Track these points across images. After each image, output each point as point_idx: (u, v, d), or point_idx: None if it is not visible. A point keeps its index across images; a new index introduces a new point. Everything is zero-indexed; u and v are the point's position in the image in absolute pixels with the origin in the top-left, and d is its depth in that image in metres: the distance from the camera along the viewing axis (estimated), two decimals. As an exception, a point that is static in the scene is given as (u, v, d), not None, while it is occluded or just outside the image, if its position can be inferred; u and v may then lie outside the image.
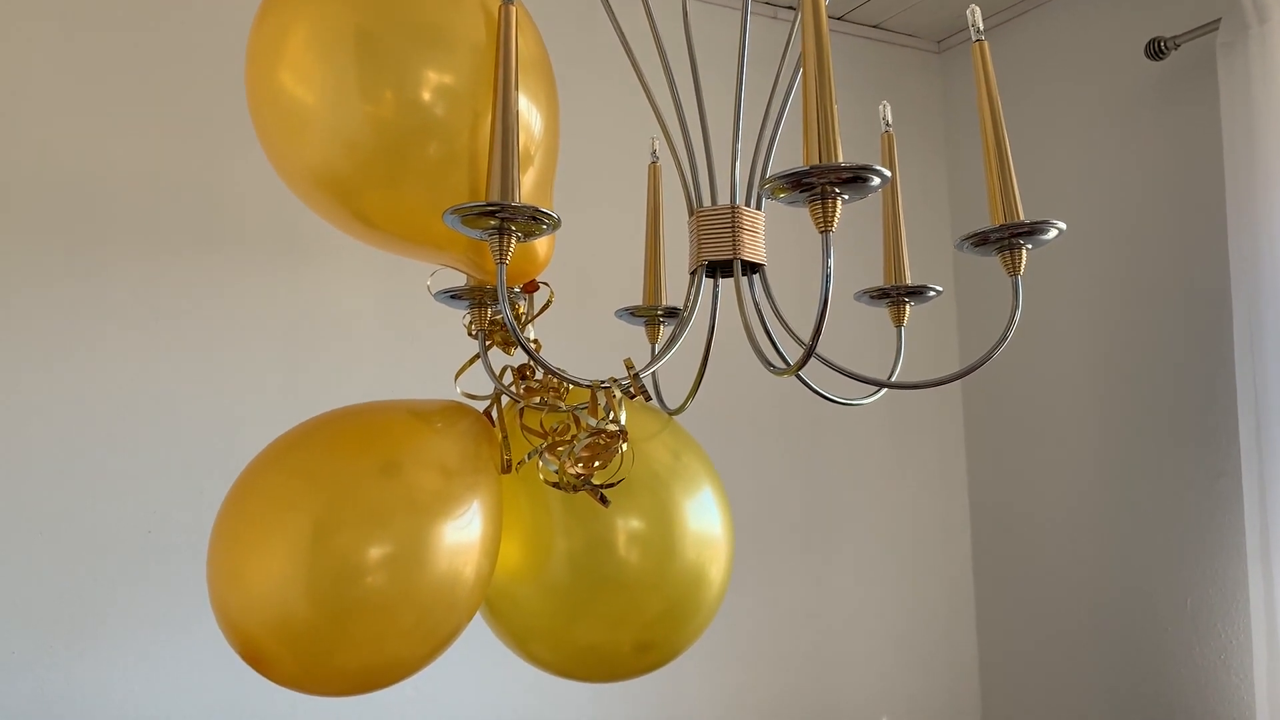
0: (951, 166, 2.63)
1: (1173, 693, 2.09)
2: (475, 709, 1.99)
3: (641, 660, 1.09)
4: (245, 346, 1.88)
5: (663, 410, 1.12)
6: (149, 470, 1.80)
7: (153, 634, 1.79)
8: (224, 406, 1.85)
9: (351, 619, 0.86)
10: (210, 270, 1.89)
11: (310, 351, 1.93)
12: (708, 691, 2.21)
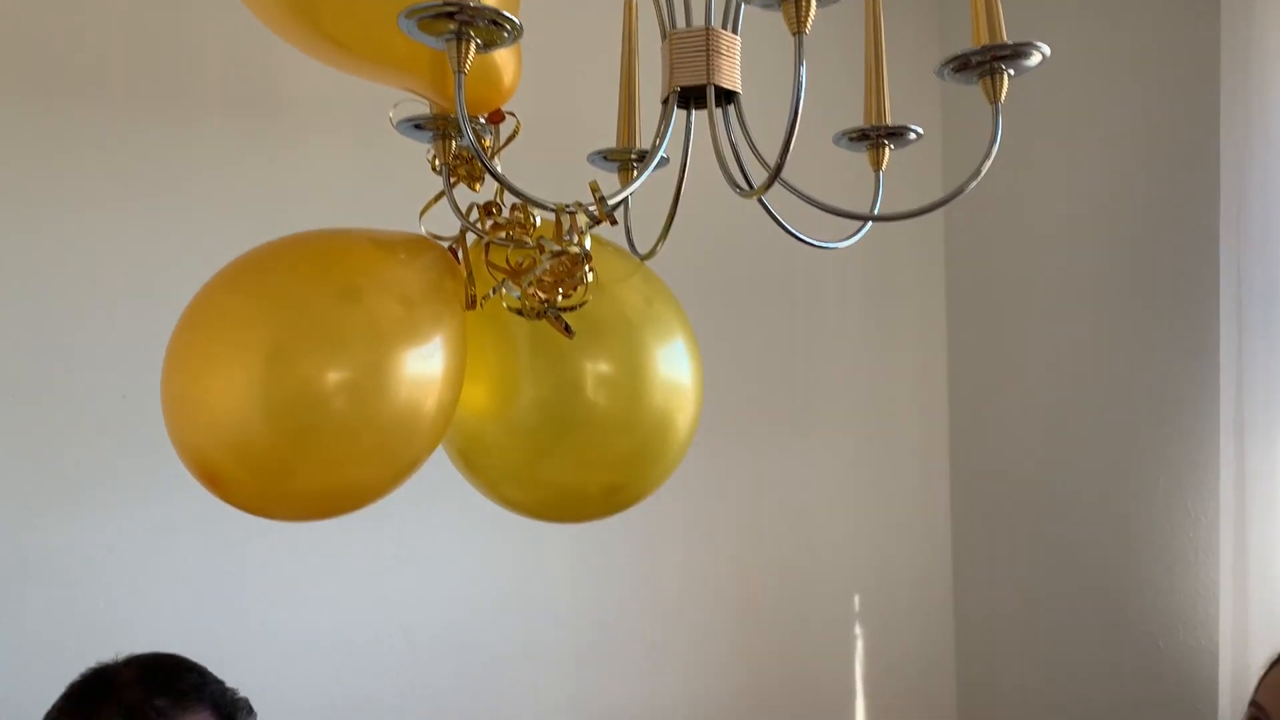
0: (944, 29, 2.56)
1: (1141, 569, 2.13)
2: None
3: (610, 501, 1.09)
4: (222, 211, 1.84)
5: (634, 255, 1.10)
6: (123, 335, 1.78)
7: (131, 499, 1.79)
8: (199, 272, 1.82)
9: (310, 442, 0.85)
10: (187, 135, 1.84)
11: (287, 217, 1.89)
12: (682, 573, 2.24)
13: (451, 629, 2.00)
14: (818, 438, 2.40)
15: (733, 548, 2.29)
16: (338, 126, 1.94)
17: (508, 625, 2.05)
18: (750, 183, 0.89)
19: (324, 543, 1.89)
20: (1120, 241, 2.18)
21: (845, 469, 2.43)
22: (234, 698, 1.27)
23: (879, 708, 2.44)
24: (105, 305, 1.79)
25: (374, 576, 1.94)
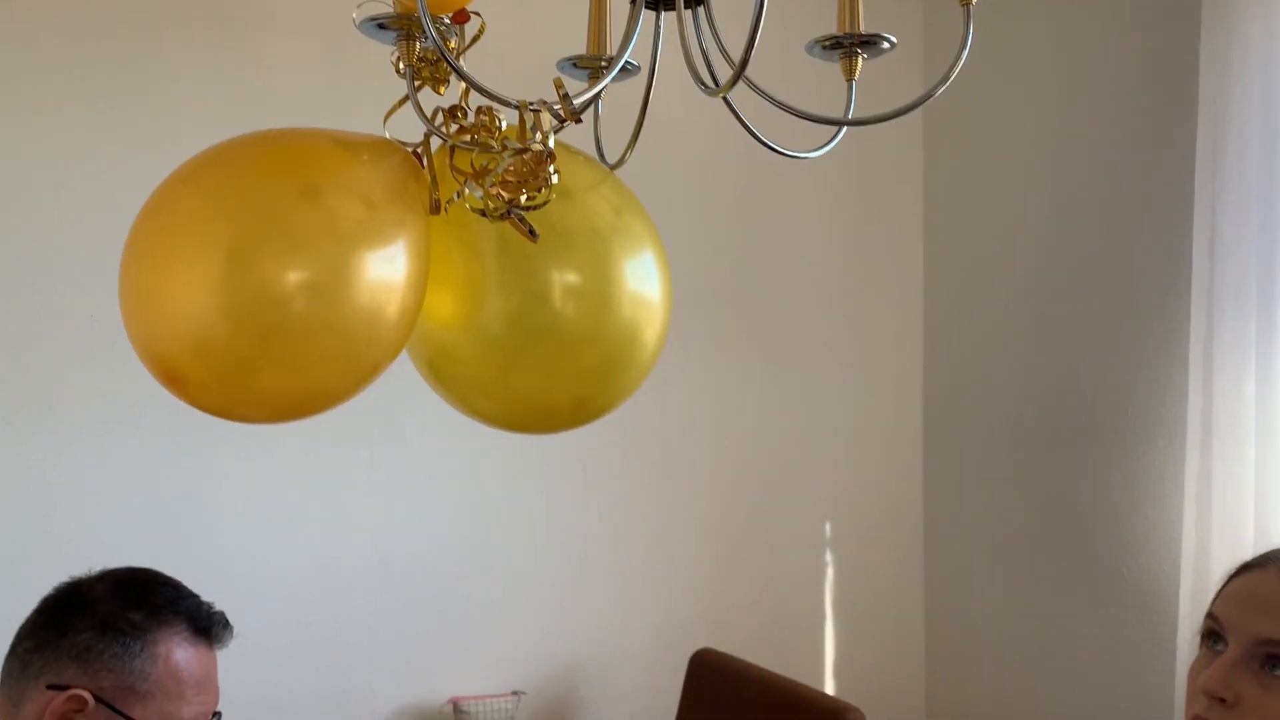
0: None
1: (1108, 497, 2.16)
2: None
3: (578, 413, 1.09)
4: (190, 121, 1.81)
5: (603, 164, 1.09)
6: (89, 254, 1.75)
7: (101, 418, 1.79)
8: (164, 190, 1.80)
9: (272, 342, 0.84)
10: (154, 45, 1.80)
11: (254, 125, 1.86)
12: (656, 499, 2.26)
13: (426, 553, 2.01)
14: (791, 363, 2.41)
15: (706, 474, 2.31)
16: (306, 35, 1.90)
17: (482, 551, 2.07)
18: (718, 82, 0.87)
19: (297, 466, 1.90)
20: (1095, 160, 2.18)
21: (818, 395, 2.45)
22: (209, 611, 1.26)
23: (848, 632, 2.48)
24: (72, 221, 1.76)
25: (348, 500, 1.95)
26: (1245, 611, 0.97)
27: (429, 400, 1.99)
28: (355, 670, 1.95)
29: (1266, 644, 0.94)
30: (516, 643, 2.10)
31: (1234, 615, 0.98)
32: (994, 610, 2.42)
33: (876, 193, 2.51)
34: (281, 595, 1.89)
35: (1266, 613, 0.95)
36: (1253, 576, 0.99)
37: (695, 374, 2.29)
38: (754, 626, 2.34)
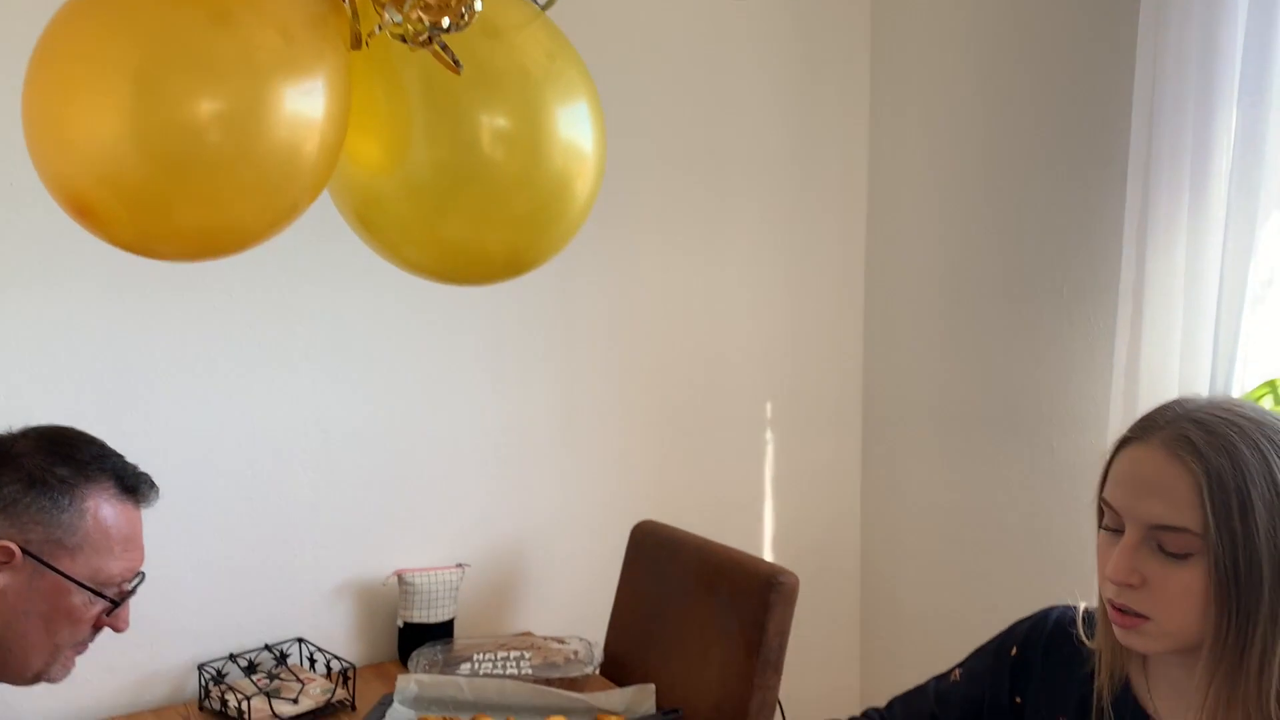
0: None
1: (1040, 373, 2.21)
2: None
3: (511, 263, 1.08)
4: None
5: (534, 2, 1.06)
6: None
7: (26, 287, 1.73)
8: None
9: (185, 174, 0.82)
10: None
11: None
12: (598, 374, 2.26)
13: (367, 429, 2.00)
14: (733, 242, 2.40)
15: (648, 352, 2.32)
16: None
17: (425, 427, 2.07)
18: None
19: (233, 334, 1.87)
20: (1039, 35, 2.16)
21: (759, 274, 2.45)
22: (135, 470, 1.26)
23: (787, 507, 2.54)
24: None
25: (287, 375, 1.92)
26: (1134, 496, 0.98)
27: (368, 275, 1.97)
28: (300, 543, 1.95)
29: (1160, 529, 0.96)
30: (460, 517, 2.12)
31: (1125, 501, 0.99)
32: (927, 484, 2.49)
33: (823, 61, 2.48)
34: (222, 468, 1.88)
35: (1154, 495, 0.96)
36: (1136, 454, 0.99)
37: (637, 251, 2.27)
38: (695, 502, 2.38)
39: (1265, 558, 0.91)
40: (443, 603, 2.00)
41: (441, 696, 1.77)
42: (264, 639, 1.92)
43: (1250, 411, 0.98)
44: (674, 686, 1.83)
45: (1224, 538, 0.92)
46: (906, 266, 2.51)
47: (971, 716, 1.23)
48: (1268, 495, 0.92)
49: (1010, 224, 2.26)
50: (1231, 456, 0.93)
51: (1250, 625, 0.92)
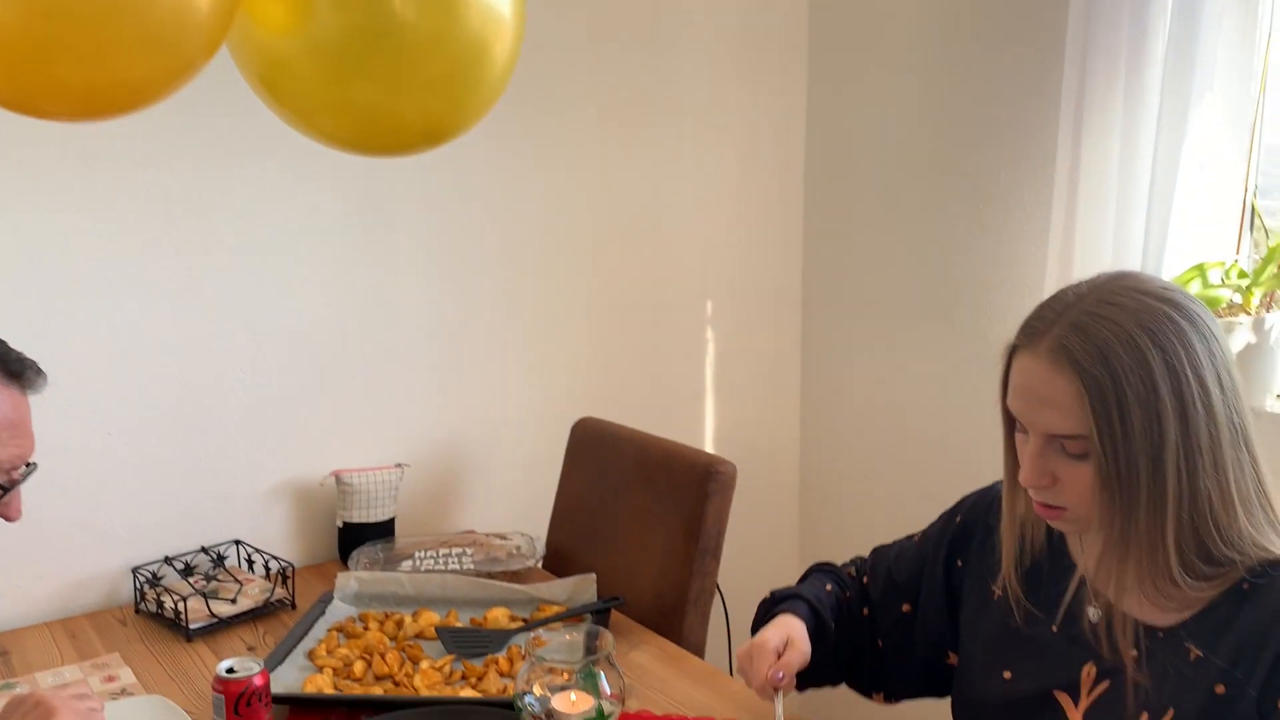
0: None
1: (974, 262, 2.22)
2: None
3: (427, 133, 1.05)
4: None
5: None
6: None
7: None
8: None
9: (58, 22, 0.76)
10: None
11: None
12: (539, 274, 2.23)
13: (299, 329, 1.96)
14: (674, 138, 2.36)
15: (588, 250, 2.29)
16: None
17: (360, 326, 2.03)
18: None
19: (156, 235, 1.80)
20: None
21: (701, 171, 2.42)
22: (20, 357, 1.21)
23: (728, 403, 2.55)
24: None
25: (214, 274, 1.87)
26: (1029, 408, 1.04)
27: (296, 167, 1.91)
28: (234, 445, 1.92)
29: (1057, 438, 1.02)
30: (399, 417, 2.09)
31: (1024, 413, 1.05)
32: (866, 375, 2.51)
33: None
34: (150, 371, 1.83)
35: (1045, 406, 1.01)
36: (1024, 364, 1.04)
37: (575, 143, 2.23)
38: (637, 399, 2.38)
39: (1141, 454, 0.97)
40: (382, 502, 1.98)
41: (383, 592, 1.77)
42: (200, 542, 1.90)
43: (1131, 300, 1.00)
44: (615, 576, 1.85)
45: (1105, 442, 0.98)
46: (845, 160, 2.49)
47: (918, 575, 1.31)
48: (1142, 392, 0.97)
49: (948, 112, 2.25)
50: (1107, 363, 0.97)
51: (1134, 512, 0.99)
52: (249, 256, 1.89)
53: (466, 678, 1.51)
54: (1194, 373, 0.97)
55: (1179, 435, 0.97)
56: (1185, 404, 0.97)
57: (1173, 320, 0.98)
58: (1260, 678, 0.98)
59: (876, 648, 1.34)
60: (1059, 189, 1.96)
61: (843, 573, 1.41)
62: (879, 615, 1.34)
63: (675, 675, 1.55)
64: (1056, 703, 1.11)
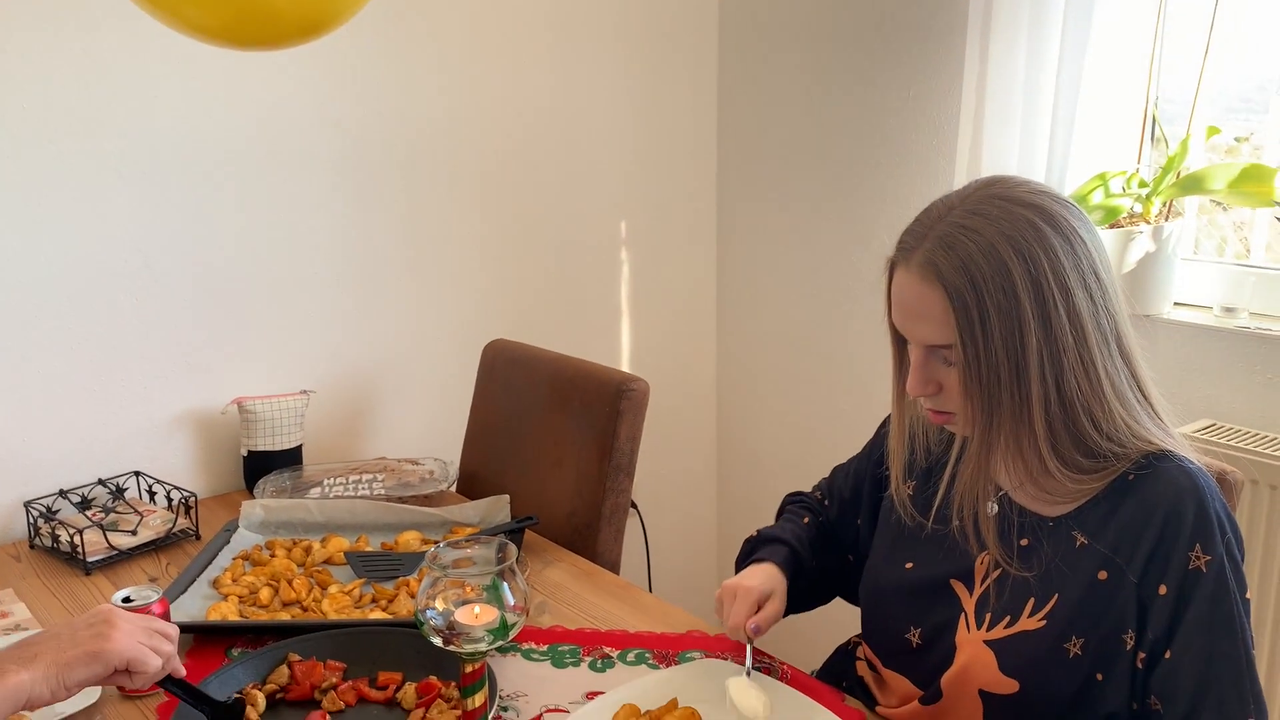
0: None
1: (883, 178, 2.23)
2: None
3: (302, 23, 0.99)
4: None
5: None
6: None
7: None
8: None
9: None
10: None
11: None
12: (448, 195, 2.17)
13: (194, 252, 1.88)
14: (583, 49, 2.30)
15: (496, 170, 2.23)
16: None
17: (259, 249, 1.95)
18: None
19: (32, 153, 1.70)
20: None
21: (610, 85, 2.37)
22: None
23: (643, 325, 2.54)
24: None
25: (96, 196, 1.77)
26: (907, 321, 1.07)
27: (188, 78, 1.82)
28: (128, 374, 1.84)
29: (935, 348, 1.06)
30: (303, 343, 2.03)
31: (902, 324, 1.09)
32: (780, 294, 2.51)
33: None
34: (36, 298, 1.73)
35: (919, 320, 1.05)
36: (900, 280, 1.07)
37: (482, 56, 2.16)
38: (551, 324, 2.35)
39: (1002, 360, 1.01)
40: (288, 430, 1.93)
41: (290, 520, 1.73)
42: (97, 474, 1.84)
43: (995, 209, 1.02)
44: (529, 496, 1.84)
45: (968, 351, 1.01)
46: (759, 76, 2.46)
47: (860, 486, 1.37)
48: (1003, 301, 0.99)
49: (857, 26, 2.23)
50: (969, 274, 1.00)
51: (996, 415, 1.03)
52: (139, 178, 1.80)
53: (377, 601, 1.49)
54: (1055, 278, 1.00)
55: (1041, 339, 1.00)
56: (1047, 309, 1.00)
57: (1036, 227, 1.01)
58: (1139, 564, 1.02)
59: (848, 562, 1.39)
60: (966, 102, 1.96)
61: (812, 500, 1.45)
62: (840, 533, 1.39)
63: (589, 590, 1.55)
64: (952, 590, 1.16)
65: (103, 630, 1.02)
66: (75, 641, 1.01)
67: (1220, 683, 0.98)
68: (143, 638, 1.05)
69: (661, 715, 1.17)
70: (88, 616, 1.05)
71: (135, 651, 1.02)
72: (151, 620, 1.10)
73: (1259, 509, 1.66)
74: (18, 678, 0.94)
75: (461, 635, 0.96)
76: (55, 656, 0.98)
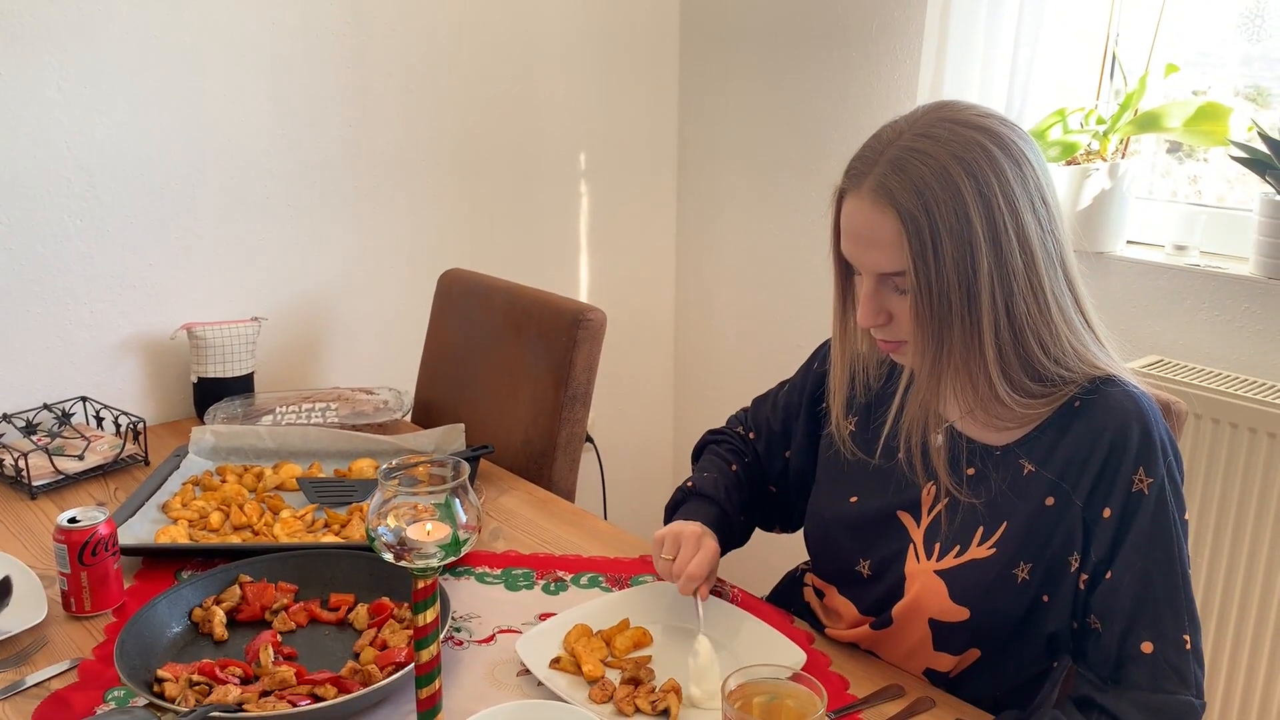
0: None
1: (847, 110, 2.22)
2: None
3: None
4: None
5: None
6: None
7: None
8: None
9: None
10: None
11: None
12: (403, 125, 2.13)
13: (139, 173, 1.83)
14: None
15: (452, 98, 2.19)
16: None
17: (207, 173, 1.91)
18: None
19: (-37, 65, 1.64)
20: None
21: (573, 16, 2.32)
22: None
23: (602, 259, 2.52)
24: None
25: (36, 113, 1.71)
26: (858, 249, 1.05)
27: None
28: (74, 297, 1.80)
29: (887, 276, 1.04)
30: (255, 269, 1.99)
31: (854, 255, 1.07)
32: (739, 228, 2.51)
33: None
34: (-30, 219, 1.69)
35: (871, 247, 1.03)
36: (850, 207, 1.05)
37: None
38: (508, 253, 2.33)
39: (953, 284, 1.00)
40: (239, 357, 1.91)
41: (241, 446, 1.72)
42: (43, 399, 1.80)
43: (945, 131, 1.01)
44: (485, 425, 1.83)
45: (920, 277, 1.00)
46: (722, 7, 2.42)
47: (791, 420, 1.34)
48: (954, 224, 0.98)
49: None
50: (922, 196, 0.99)
51: (947, 341, 1.02)
52: (79, 89, 1.74)
53: (330, 526, 1.49)
54: (1005, 200, 0.99)
55: (992, 262, 0.99)
56: (998, 231, 0.99)
57: (986, 149, 0.99)
58: (1085, 488, 1.04)
59: (769, 492, 1.38)
60: (929, 34, 1.95)
61: (733, 436, 1.42)
62: (768, 465, 1.37)
63: (544, 518, 1.55)
64: (899, 522, 1.16)
65: None
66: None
67: (1157, 600, 1.00)
68: None
69: (613, 635, 1.18)
70: None
71: None
72: None
73: (1200, 442, 1.70)
74: None
75: (413, 551, 0.96)
76: None
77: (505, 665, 1.15)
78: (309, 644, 1.19)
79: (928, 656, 1.14)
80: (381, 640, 1.16)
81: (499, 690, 1.11)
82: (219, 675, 1.07)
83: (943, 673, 1.15)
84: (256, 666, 1.11)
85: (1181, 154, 1.95)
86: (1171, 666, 1.00)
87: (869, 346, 1.20)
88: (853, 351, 1.20)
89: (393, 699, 1.08)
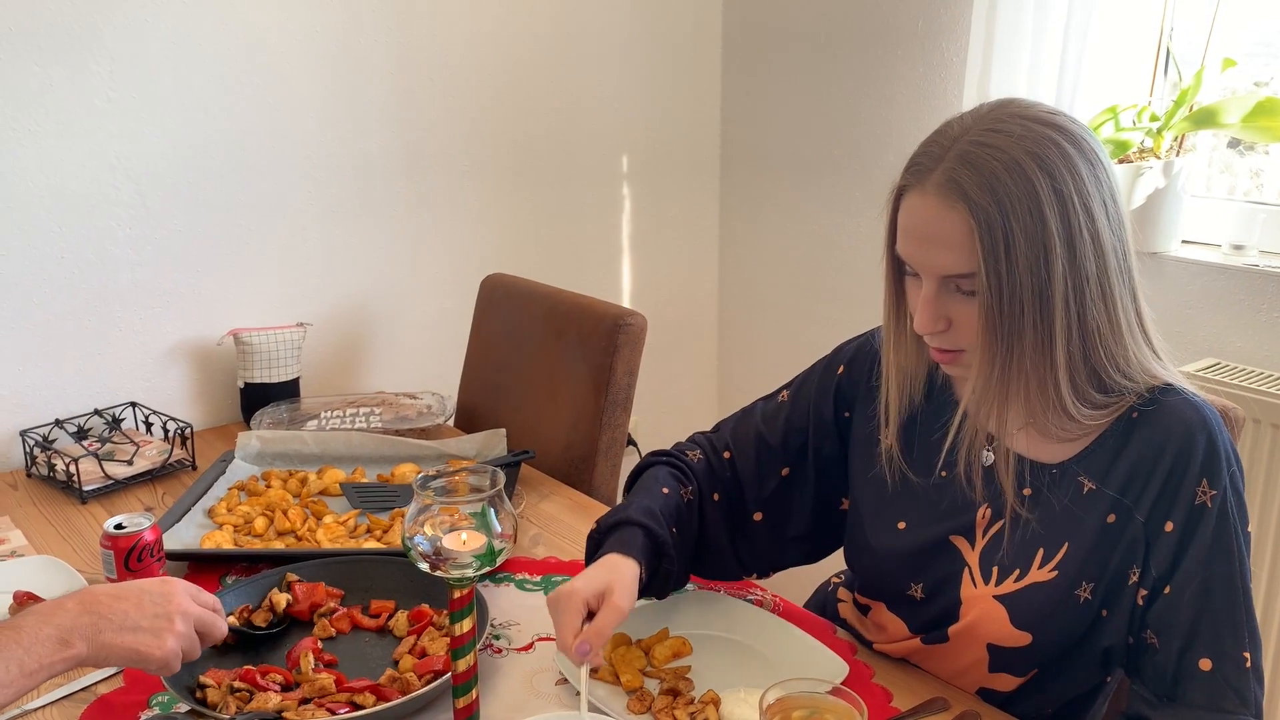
0: None
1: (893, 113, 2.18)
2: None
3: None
4: None
5: None
6: None
7: None
8: None
9: None
10: None
11: None
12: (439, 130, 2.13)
13: (185, 179, 1.85)
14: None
15: (496, 102, 2.19)
16: None
17: (253, 179, 1.93)
18: None
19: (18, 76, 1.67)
20: None
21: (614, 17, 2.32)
22: None
23: (645, 261, 2.51)
24: None
25: (84, 120, 1.74)
26: (920, 249, 0.99)
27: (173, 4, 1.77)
28: (124, 304, 1.83)
29: (951, 278, 0.98)
30: (300, 274, 2.01)
31: (915, 255, 1.00)
32: (782, 231, 2.49)
33: None
34: (28, 228, 1.71)
35: (937, 246, 0.97)
36: (913, 203, 0.98)
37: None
38: (552, 258, 2.33)
39: (1027, 288, 0.94)
40: (285, 362, 1.92)
41: (286, 451, 1.73)
42: (93, 404, 1.83)
43: (1017, 126, 0.95)
44: (526, 430, 1.83)
45: (991, 279, 0.94)
46: (765, 9, 2.40)
47: (796, 433, 1.25)
48: (1029, 223, 0.92)
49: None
50: (995, 193, 0.93)
51: (1018, 348, 0.96)
52: (129, 101, 1.76)
53: (372, 531, 1.49)
54: (1080, 200, 0.94)
55: (1066, 265, 0.93)
56: (1072, 231, 0.93)
57: (1059, 146, 0.94)
58: (1147, 502, 0.99)
59: (752, 523, 1.24)
60: (976, 33, 1.92)
61: (686, 461, 1.26)
62: (756, 487, 1.24)
63: (585, 523, 1.54)
64: (954, 547, 1.11)
65: (162, 627, 0.96)
66: (133, 626, 0.94)
67: (1216, 616, 0.96)
68: (189, 638, 0.99)
69: (652, 644, 1.17)
70: (155, 596, 0.98)
71: (174, 659, 0.97)
72: (207, 615, 1.02)
73: (1260, 448, 1.64)
74: (75, 651, 0.90)
75: (448, 561, 0.95)
76: (110, 638, 0.92)
77: (544, 674, 1.15)
78: (350, 651, 1.19)
79: (982, 677, 1.11)
80: (421, 648, 1.16)
81: (537, 699, 1.10)
82: (260, 682, 1.08)
83: (1002, 692, 1.12)
84: (297, 673, 1.11)
85: (1242, 148, 1.90)
86: (1230, 685, 0.96)
87: (916, 358, 1.12)
88: (904, 360, 1.11)
89: (431, 707, 1.08)
